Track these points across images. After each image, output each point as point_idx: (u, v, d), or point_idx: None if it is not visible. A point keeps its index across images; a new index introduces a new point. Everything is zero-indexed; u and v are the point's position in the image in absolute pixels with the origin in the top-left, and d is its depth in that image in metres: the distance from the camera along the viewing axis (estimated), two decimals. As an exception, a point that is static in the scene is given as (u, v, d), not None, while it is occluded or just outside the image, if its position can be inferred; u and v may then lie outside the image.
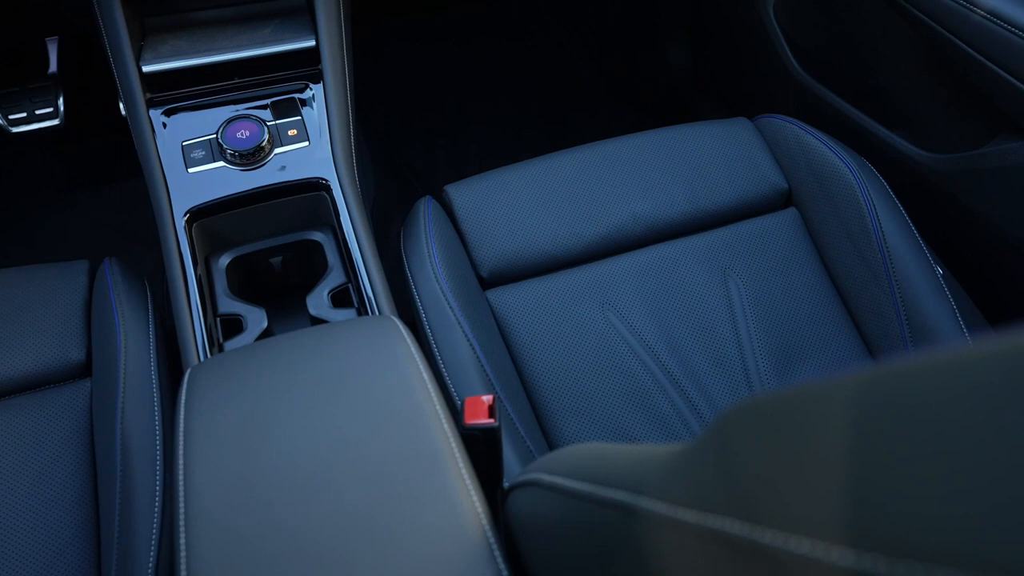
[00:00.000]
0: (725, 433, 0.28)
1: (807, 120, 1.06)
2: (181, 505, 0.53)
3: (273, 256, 0.91)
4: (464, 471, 0.55)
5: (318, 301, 0.85)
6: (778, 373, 0.91)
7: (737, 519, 0.26)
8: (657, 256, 0.97)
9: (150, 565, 0.72)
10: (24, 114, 1.35)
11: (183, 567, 0.50)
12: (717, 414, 0.30)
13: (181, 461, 0.56)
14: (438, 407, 0.59)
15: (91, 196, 1.48)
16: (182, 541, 0.52)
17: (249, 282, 0.90)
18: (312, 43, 0.98)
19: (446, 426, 0.58)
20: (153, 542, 0.73)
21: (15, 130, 1.36)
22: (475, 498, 0.54)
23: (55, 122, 1.37)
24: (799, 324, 0.94)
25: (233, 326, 0.84)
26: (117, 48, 0.94)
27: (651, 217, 0.99)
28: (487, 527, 0.52)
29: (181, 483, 0.55)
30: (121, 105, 1.39)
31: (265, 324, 0.83)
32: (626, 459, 0.40)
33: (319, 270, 0.90)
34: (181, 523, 0.52)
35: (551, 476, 0.46)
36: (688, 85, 1.62)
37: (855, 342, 0.94)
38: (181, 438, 0.57)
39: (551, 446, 0.86)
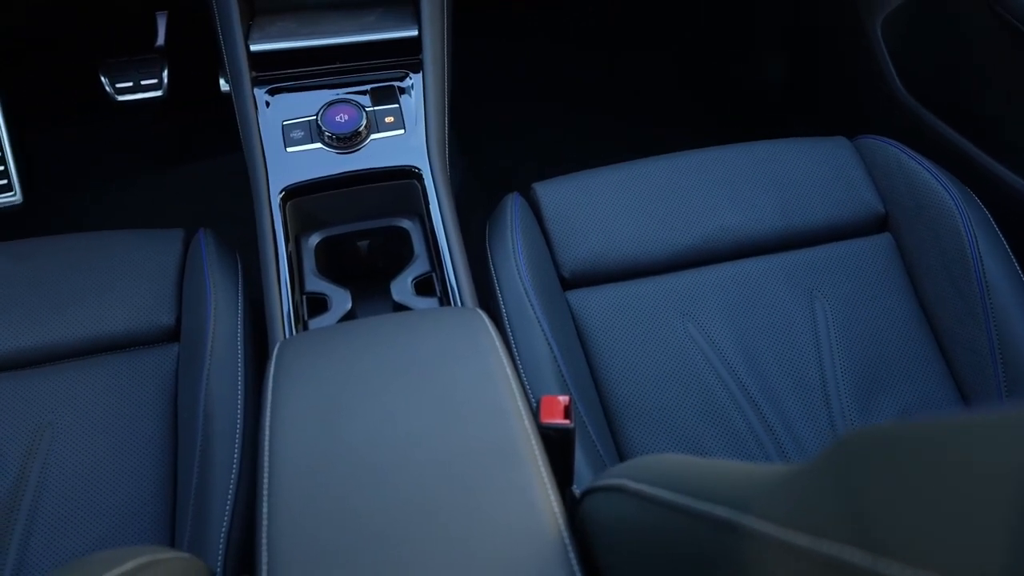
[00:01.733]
0: (847, 458, 0.28)
1: (908, 143, 1.03)
2: (265, 475, 0.55)
3: (361, 240, 0.93)
4: (543, 470, 0.55)
5: (402, 287, 0.86)
6: (859, 401, 0.88)
7: (858, 548, 0.25)
8: (743, 271, 0.95)
9: (223, 530, 0.74)
10: (130, 83, 1.40)
11: (263, 536, 0.51)
12: (836, 437, 0.30)
13: (267, 432, 0.57)
14: (520, 404, 0.59)
15: (186, 168, 1.53)
16: (264, 510, 0.53)
17: (335, 263, 0.92)
18: (415, 33, 0.99)
19: (527, 423, 0.58)
20: (227, 508, 0.75)
21: (120, 98, 1.41)
22: (552, 498, 0.54)
23: (158, 93, 1.41)
24: (885, 353, 0.91)
25: (318, 305, 0.86)
26: (228, 26, 0.97)
27: (740, 231, 0.97)
28: (563, 529, 0.52)
29: (266, 453, 0.56)
30: (222, 81, 1.43)
31: (349, 306, 0.85)
32: (723, 474, 0.39)
33: (404, 257, 0.91)
34: (264, 492, 0.54)
35: (638, 483, 0.46)
36: (780, 99, 1.59)
37: (943, 377, 0.91)
38: (268, 410, 0.59)
39: (620, 454, 0.85)
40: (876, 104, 1.27)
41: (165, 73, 1.41)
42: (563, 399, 0.68)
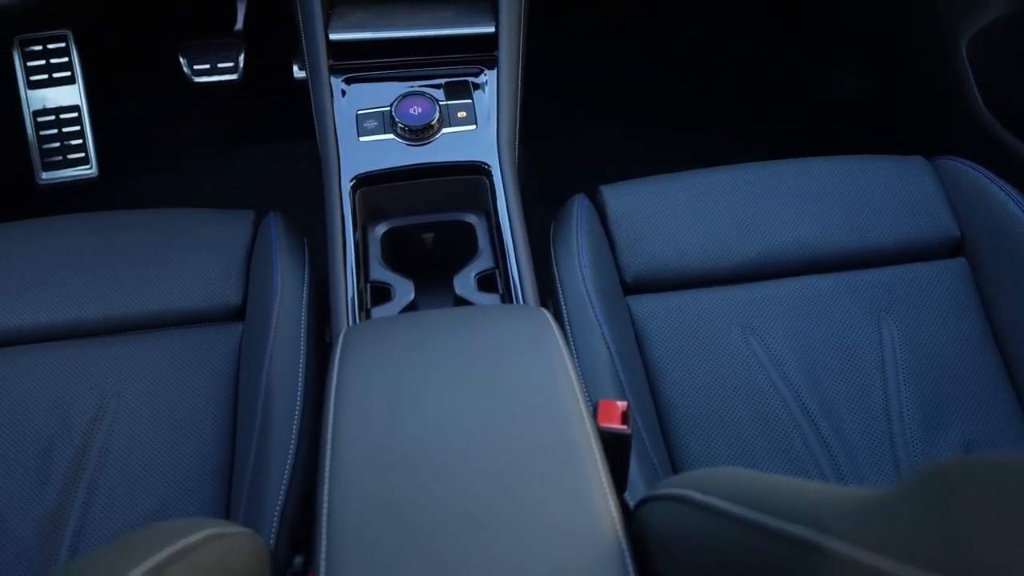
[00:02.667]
0: (945, 486, 0.27)
1: (989, 167, 1.00)
2: (327, 459, 0.55)
3: (426, 232, 0.94)
4: (603, 474, 0.55)
5: (465, 282, 0.87)
6: (924, 426, 0.86)
7: None
8: (809, 287, 0.93)
9: (277, 508, 0.75)
10: (207, 66, 1.43)
11: (324, 519, 0.52)
12: (932, 463, 0.29)
13: (331, 417, 0.58)
14: (582, 406, 0.59)
15: (256, 152, 1.56)
16: (325, 494, 0.54)
17: (400, 254, 0.92)
18: (491, 29, 0.99)
19: (588, 426, 0.58)
20: (283, 487, 0.76)
21: (197, 80, 1.44)
22: (612, 503, 0.53)
23: (233, 77, 1.44)
24: (954, 380, 0.89)
25: (381, 294, 0.87)
26: (309, 14, 0.99)
27: (808, 246, 0.95)
28: (621, 535, 0.51)
29: (329, 437, 0.56)
30: (295, 68, 1.45)
31: (412, 296, 0.85)
32: (799, 492, 0.38)
33: (468, 252, 0.91)
34: (326, 476, 0.54)
35: (705, 495, 0.45)
36: (852, 114, 1.55)
37: (1014, 408, 0.88)
38: (333, 395, 0.60)
39: (673, 463, 0.84)
40: (956, 125, 1.24)
41: (241, 57, 1.44)
42: (621, 404, 0.67)
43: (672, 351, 0.89)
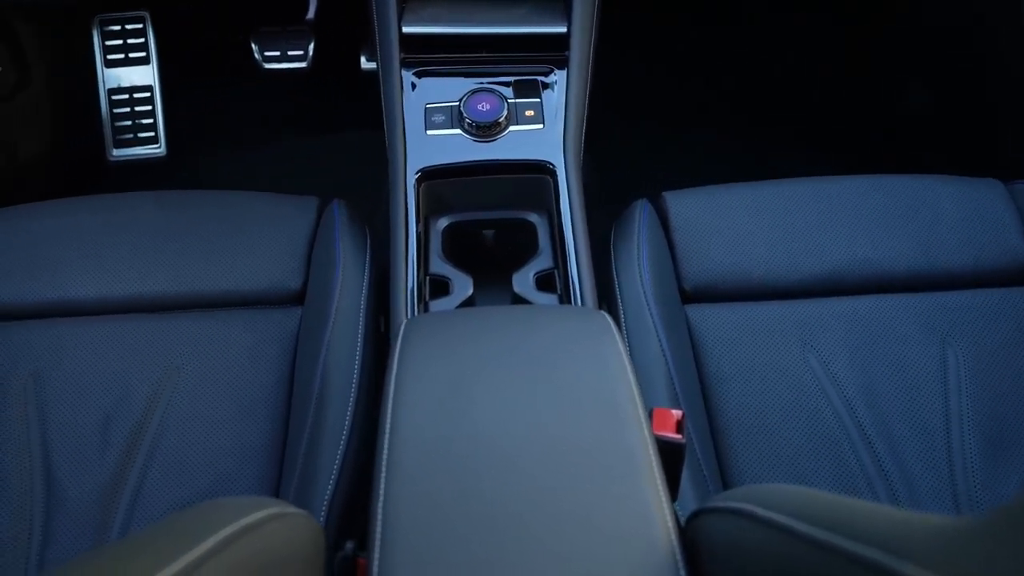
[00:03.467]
0: None
1: None
2: (385, 447, 0.56)
3: (487, 228, 0.94)
4: (659, 481, 0.55)
5: (523, 281, 0.87)
6: (985, 456, 0.84)
7: None
8: (873, 307, 0.92)
9: (328, 493, 0.76)
10: (278, 53, 1.46)
11: (379, 507, 0.52)
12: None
13: (390, 405, 0.58)
14: (640, 411, 0.59)
15: (319, 140, 1.58)
16: (382, 482, 0.54)
17: (459, 248, 0.93)
18: (563, 30, 0.99)
19: (646, 432, 0.58)
20: (334, 472, 0.77)
21: (267, 66, 1.47)
22: (667, 512, 0.53)
23: (302, 65, 1.47)
24: (1020, 411, 0.86)
25: (439, 287, 0.87)
26: (384, 6, 1.00)
27: (873, 265, 0.94)
28: (676, 544, 0.51)
29: (387, 426, 0.57)
30: (363, 59, 1.47)
31: (470, 292, 0.86)
32: (871, 515, 0.38)
33: (527, 251, 0.92)
34: (383, 464, 0.55)
35: (767, 511, 0.45)
36: (918, 132, 1.52)
37: (1081, 445, 0.85)
38: (392, 385, 0.60)
39: (723, 476, 0.84)
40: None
41: (311, 47, 1.47)
42: (676, 413, 0.67)
43: (728, 363, 0.88)
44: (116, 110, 1.49)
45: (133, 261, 0.94)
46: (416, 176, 0.91)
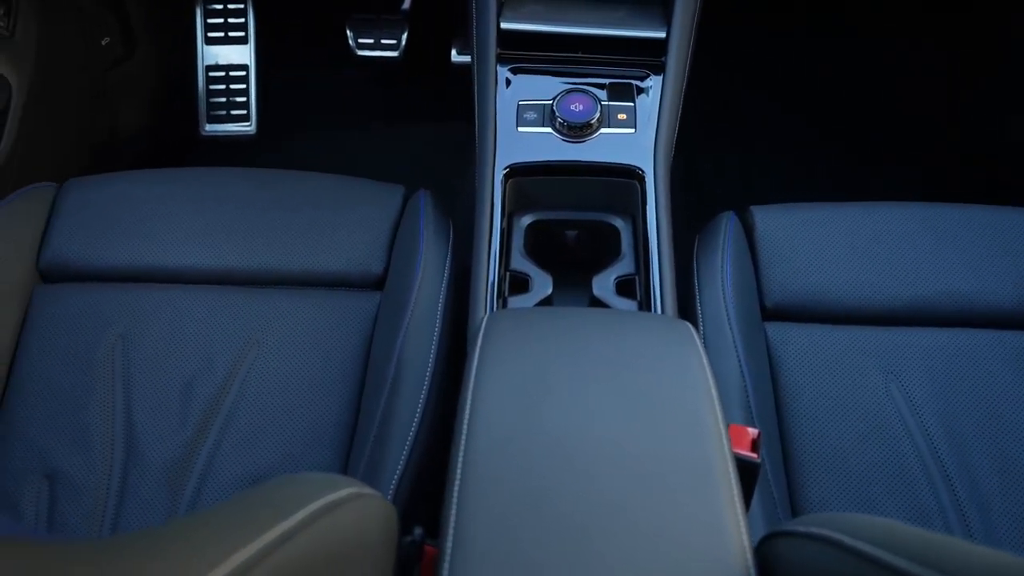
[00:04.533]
0: None
1: None
2: (463, 439, 0.56)
3: (569, 229, 0.94)
4: (737, 499, 0.54)
5: (604, 284, 0.86)
6: (1073, 508, 0.80)
7: None
8: (964, 341, 0.88)
9: (395, 477, 0.77)
10: (371, 41, 1.48)
11: (454, 495, 0.53)
12: None
13: (470, 397, 0.59)
14: (721, 427, 0.58)
15: (403, 129, 1.61)
16: (457, 472, 0.54)
17: (540, 246, 0.93)
18: (662, 35, 0.98)
19: (726, 449, 0.57)
20: (403, 457, 0.78)
21: (360, 53, 1.49)
22: (743, 529, 0.52)
23: (394, 54, 1.49)
24: (1114, 464, 0.82)
25: (518, 283, 0.88)
26: (484, 1, 1.00)
27: (967, 298, 0.90)
28: (750, 564, 0.50)
29: (466, 417, 0.57)
30: (454, 52, 1.48)
31: (550, 291, 0.86)
32: (968, 554, 0.36)
33: (609, 254, 0.91)
34: (460, 456, 0.55)
35: (854, 540, 0.44)
36: (1018, 164, 1.46)
37: None
38: (473, 376, 0.60)
39: (792, 501, 0.82)
40: None
41: (404, 36, 1.49)
42: (752, 431, 0.66)
43: (806, 384, 0.86)
44: (212, 86, 1.54)
45: (223, 234, 0.96)
46: (504, 171, 0.92)
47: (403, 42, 1.49)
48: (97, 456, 0.84)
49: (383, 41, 1.48)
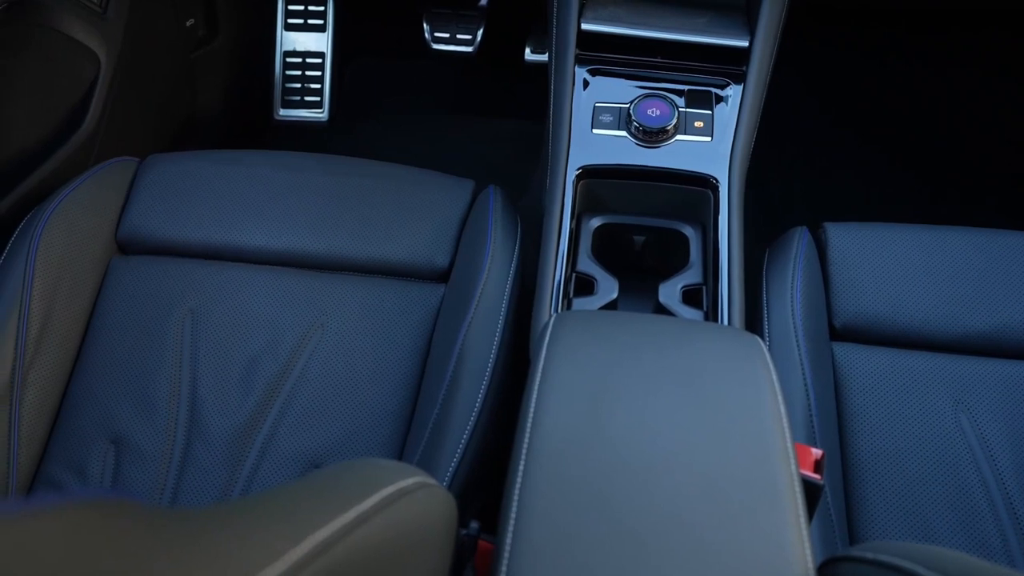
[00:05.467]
0: None
1: None
2: (526, 438, 0.56)
3: (638, 234, 0.93)
4: (802, 520, 0.53)
5: (670, 292, 0.86)
6: None
7: None
8: None
9: (451, 469, 0.77)
10: (447, 35, 1.49)
11: (516, 496, 0.53)
12: None
13: (535, 396, 0.59)
14: (789, 446, 0.57)
15: (471, 124, 1.61)
16: (520, 470, 0.54)
17: (607, 249, 0.92)
18: (745, 44, 0.97)
19: (793, 468, 0.56)
20: (459, 450, 0.78)
21: (435, 47, 1.51)
22: (807, 553, 0.51)
23: (468, 50, 1.50)
24: None
25: (584, 285, 0.87)
26: (566, 1, 1.00)
27: None
28: None
29: (530, 417, 0.57)
30: (527, 51, 1.49)
31: (615, 295, 0.85)
32: None
33: (676, 262, 0.90)
34: (522, 454, 0.55)
35: (929, 572, 0.43)
36: None
37: None
38: (539, 375, 0.60)
39: (851, 528, 0.80)
40: None
41: (480, 32, 1.49)
42: (816, 452, 0.64)
43: (872, 409, 0.84)
44: (288, 72, 1.57)
45: (294, 218, 0.98)
46: (577, 172, 0.92)
47: (478, 38, 1.50)
48: (162, 425, 0.86)
49: (458, 36, 1.49)
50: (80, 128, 1.12)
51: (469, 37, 1.49)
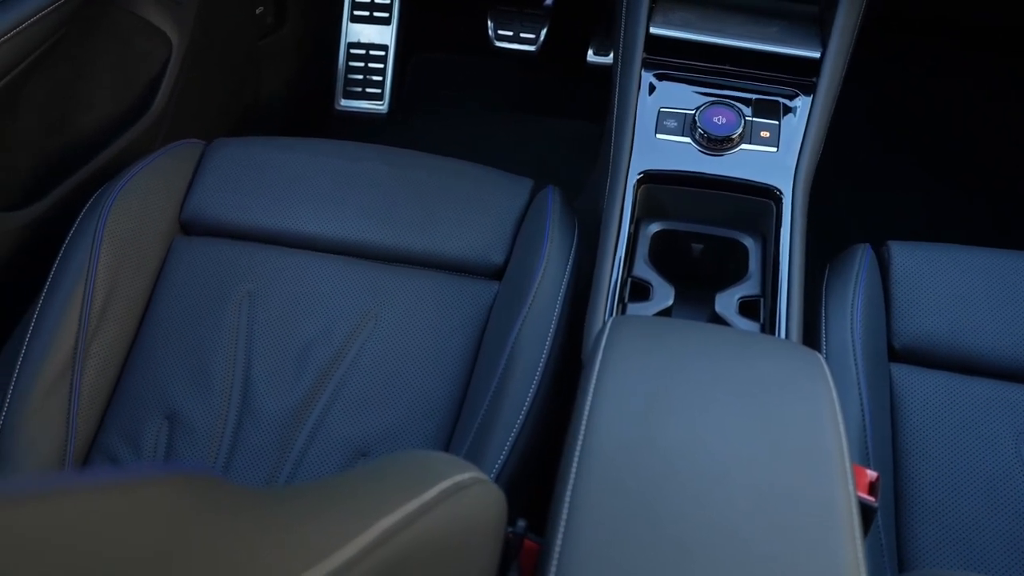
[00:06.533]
0: None
1: None
2: (579, 440, 0.56)
3: (696, 242, 0.92)
4: (858, 544, 0.52)
5: (727, 302, 0.85)
6: None
7: None
8: None
9: (497, 466, 0.77)
10: (511, 33, 1.50)
11: (567, 499, 0.53)
12: None
13: (589, 400, 0.58)
14: (847, 467, 0.56)
15: (529, 123, 1.61)
16: (572, 473, 0.54)
17: (664, 256, 0.92)
18: (816, 55, 0.95)
19: (851, 488, 0.55)
20: (506, 448, 0.78)
21: (497, 44, 1.51)
22: (863, 574, 0.50)
23: (531, 48, 1.50)
24: None
25: (639, 290, 0.87)
26: (635, 5, 1.00)
27: None
28: None
29: (584, 420, 0.57)
30: (590, 52, 1.48)
31: (671, 302, 0.85)
32: None
33: (732, 273, 0.89)
34: (575, 457, 0.55)
35: None
36: None
37: None
38: (594, 378, 0.60)
39: (900, 553, 0.78)
40: None
41: (544, 32, 1.49)
42: (871, 473, 0.63)
43: (928, 435, 0.82)
44: (351, 63, 1.58)
45: (353, 207, 0.99)
46: (638, 177, 0.91)
47: (542, 37, 1.50)
48: (215, 403, 0.88)
49: (522, 35, 1.49)
50: (150, 109, 1.14)
51: (532, 36, 1.49)
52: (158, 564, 0.23)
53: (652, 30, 0.99)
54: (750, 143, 0.92)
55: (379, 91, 1.58)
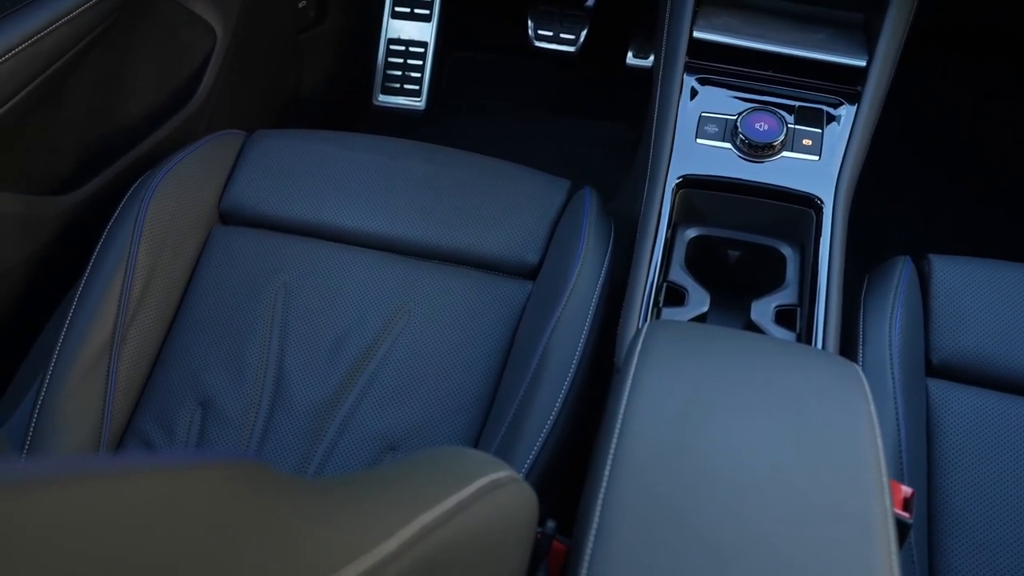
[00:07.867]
0: None
1: None
2: (613, 443, 0.56)
3: (733, 248, 0.92)
4: (894, 561, 0.51)
5: (763, 311, 0.84)
6: None
7: None
8: None
9: (526, 466, 0.77)
10: (551, 33, 1.49)
11: (599, 501, 0.52)
12: None
13: (623, 403, 0.58)
14: (884, 483, 0.55)
15: (566, 124, 1.61)
16: (604, 476, 0.54)
17: (700, 261, 0.91)
18: (863, 63, 0.94)
19: (887, 502, 0.54)
20: (535, 449, 0.78)
21: (537, 44, 1.51)
22: None
23: (570, 49, 1.49)
24: None
25: (674, 296, 0.86)
26: (680, 8, 0.99)
27: None
28: None
29: (618, 424, 0.57)
30: (630, 55, 1.48)
31: (706, 308, 0.84)
32: None
33: (769, 281, 0.88)
34: (608, 460, 0.55)
35: None
36: None
37: None
38: (629, 382, 0.60)
39: (932, 571, 0.77)
40: None
41: (584, 33, 1.49)
42: (907, 489, 0.62)
43: (965, 452, 0.81)
44: (391, 59, 1.59)
45: (390, 202, 0.99)
46: (677, 181, 0.91)
47: (582, 38, 1.49)
48: (248, 392, 0.89)
49: (562, 35, 1.49)
50: (193, 99, 1.16)
51: (572, 37, 1.49)
52: (211, 547, 0.24)
53: (696, 34, 0.98)
54: (792, 151, 0.91)
55: (417, 88, 1.58)
